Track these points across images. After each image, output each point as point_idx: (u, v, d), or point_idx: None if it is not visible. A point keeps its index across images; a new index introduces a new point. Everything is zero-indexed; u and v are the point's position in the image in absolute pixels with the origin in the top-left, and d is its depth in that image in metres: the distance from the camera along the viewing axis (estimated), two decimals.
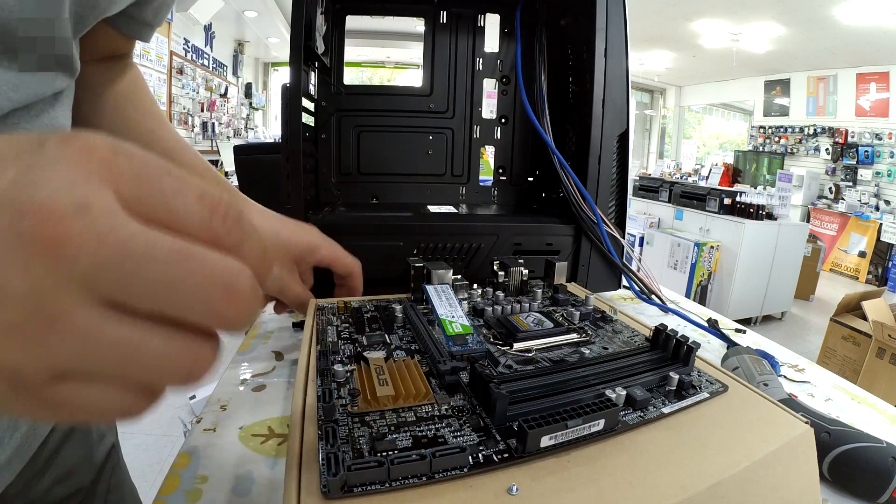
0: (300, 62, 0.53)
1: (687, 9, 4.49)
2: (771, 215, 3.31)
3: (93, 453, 0.41)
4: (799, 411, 0.30)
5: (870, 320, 2.11)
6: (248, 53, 5.77)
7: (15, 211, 0.11)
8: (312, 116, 0.65)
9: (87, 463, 0.40)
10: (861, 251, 4.90)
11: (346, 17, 0.70)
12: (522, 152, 0.75)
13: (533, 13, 0.71)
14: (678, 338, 0.31)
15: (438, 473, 0.21)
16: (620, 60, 0.60)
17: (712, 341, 0.57)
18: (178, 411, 1.97)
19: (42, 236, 0.11)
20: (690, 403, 0.28)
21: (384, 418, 0.25)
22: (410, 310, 0.39)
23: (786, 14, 4.18)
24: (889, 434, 0.39)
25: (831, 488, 0.33)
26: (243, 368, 0.48)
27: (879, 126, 4.91)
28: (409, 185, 0.74)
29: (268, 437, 0.38)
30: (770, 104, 6.16)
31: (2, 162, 0.12)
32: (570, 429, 0.23)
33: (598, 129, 0.60)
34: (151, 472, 1.71)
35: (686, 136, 8.08)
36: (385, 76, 7.45)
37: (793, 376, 0.50)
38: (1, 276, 0.11)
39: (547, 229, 0.61)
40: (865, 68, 4.97)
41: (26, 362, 0.12)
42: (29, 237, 0.11)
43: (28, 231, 0.11)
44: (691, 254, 3.32)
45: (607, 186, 0.61)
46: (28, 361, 0.12)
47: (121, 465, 0.46)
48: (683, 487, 0.21)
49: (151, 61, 3.35)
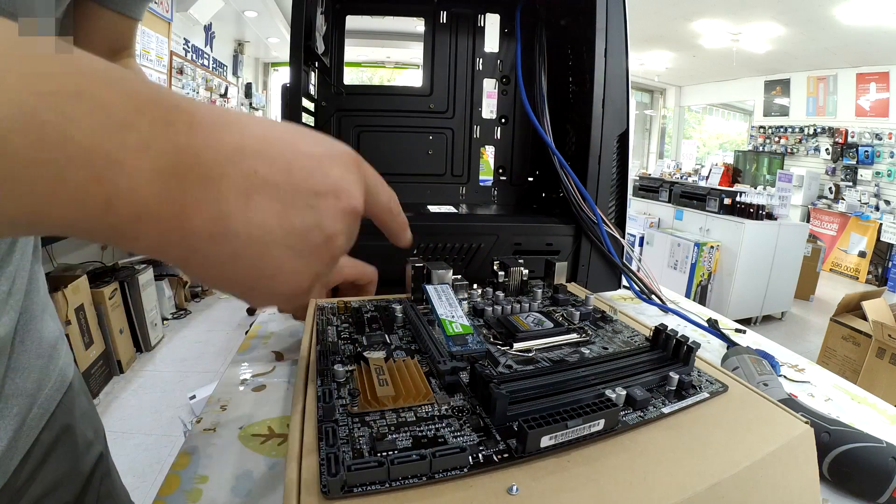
0: (300, 62, 0.53)
1: (687, 9, 4.49)
2: (771, 215, 3.31)
3: (79, 464, 0.39)
4: (799, 411, 0.30)
5: (870, 320, 2.11)
6: (248, 53, 5.76)
7: (319, 186, 0.21)
8: (312, 116, 0.65)
9: (73, 474, 0.38)
10: (861, 251, 4.90)
11: (346, 17, 0.70)
12: (522, 152, 0.75)
13: (533, 13, 0.71)
14: (678, 338, 0.31)
15: (438, 473, 0.21)
16: (620, 60, 0.60)
17: (712, 341, 0.57)
18: (178, 411, 1.97)
19: (334, 193, 0.21)
20: (690, 403, 0.28)
21: (384, 418, 0.25)
22: (410, 310, 0.39)
23: (786, 14, 4.18)
24: (889, 434, 0.39)
25: (831, 488, 0.33)
26: (243, 368, 0.48)
27: (879, 126, 4.90)
28: (410, 185, 0.74)
29: (268, 437, 0.38)
30: (770, 104, 6.15)
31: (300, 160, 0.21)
32: (570, 429, 0.23)
33: (598, 129, 0.60)
34: (151, 472, 1.71)
35: (686, 136, 8.07)
36: (385, 76, 7.45)
37: (793, 376, 0.50)
38: (316, 219, 0.21)
39: (547, 229, 0.61)
40: (865, 68, 4.97)
41: (327, 268, 0.22)
42: (326, 197, 0.21)
43: (325, 193, 0.21)
44: (691, 254, 3.32)
45: (607, 186, 0.61)
46: (327, 267, 0.22)
47: (111, 475, 0.44)
48: (683, 487, 0.21)
49: (151, 61, 3.35)
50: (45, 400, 0.35)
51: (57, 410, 0.37)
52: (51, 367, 0.37)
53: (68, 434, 0.38)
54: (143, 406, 2.11)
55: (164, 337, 2.77)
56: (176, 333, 2.85)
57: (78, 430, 0.39)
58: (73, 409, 0.39)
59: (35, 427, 0.34)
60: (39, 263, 0.39)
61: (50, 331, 0.38)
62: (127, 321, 2.44)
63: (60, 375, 0.38)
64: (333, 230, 0.21)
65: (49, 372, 0.36)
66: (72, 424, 0.39)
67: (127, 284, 2.44)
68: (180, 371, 2.43)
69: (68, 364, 0.40)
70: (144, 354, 2.56)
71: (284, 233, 0.20)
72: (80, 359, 2.03)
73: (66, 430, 0.38)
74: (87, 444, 0.41)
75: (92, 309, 2.17)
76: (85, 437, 0.41)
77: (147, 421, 2.00)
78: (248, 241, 0.19)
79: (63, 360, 0.39)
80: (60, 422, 0.37)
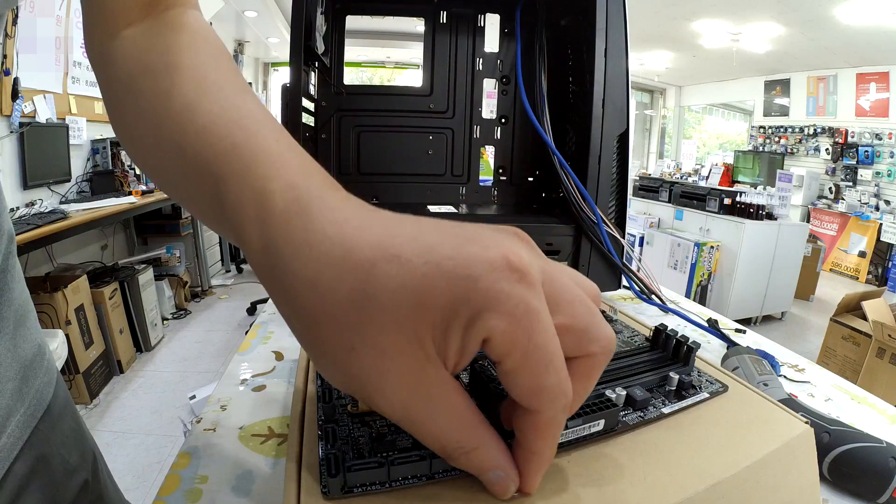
0: (300, 62, 0.53)
1: (687, 9, 4.49)
2: (771, 215, 3.31)
3: (58, 496, 0.35)
4: (799, 411, 0.30)
5: (870, 320, 2.11)
6: (248, 53, 5.77)
7: (494, 257, 0.16)
8: (312, 116, 0.65)
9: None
10: (861, 251, 4.90)
11: (346, 17, 0.70)
12: (522, 152, 0.75)
13: (533, 13, 0.70)
14: (678, 338, 0.31)
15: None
16: (620, 60, 0.60)
17: (712, 341, 0.57)
18: (178, 411, 1.97)
19: (510, 267, 0.16)
20: (690, 403, 0.28)
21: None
22: None
23: (786, 14, 4.18)
24: (889, 434, 0.39)
25: (831, 488, 0.33)
26: (243, 368, 0.48)
27: (879, 126, 4.90)
28: (410, 185, 0.74)
29: (268, 437, 0.38)
30: (770, 104, 6.16)
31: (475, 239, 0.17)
32: (570, 429, 0.23)
33: (598, 129, 0.60)
34: (151, 472, 1.71)
35: (686, 136, 8.07)
36: (385, 76, 7.45)
37: (793, 376, 0.50)
38: (497, 290, 0.16)
39: (547, 229, 0.61)
40: (865, 68, 4.97)
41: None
42: (505, 269, 0.16)
43: (502, 264, 0.16)
44: (691, 254, 3.32)
45: (607, 186, 0.61)
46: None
47: (102, 498, 0.40)
48: (683, 487, 0.21)
49: None
50: (15, 428, 0.31)
51: (32, 437, 0.33)
52: (24, 389, 0.32)
53: (44, 464, 0.34)
54: (143, 406, 2.12)
55: (164, 337, 2.77)
56: (176, 333, 2.85)
57: (56, 460, 0.35)
58: (50, 437, 0.35)
59: (5, 459, 0.30)
60: (13, 272, 0.34)
61: (24, 349, 0.33)
62: (127, 321, 2.44)
63: (36, 399, 0.34)
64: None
65: (22, 395, 0.32)
66: (49, 453, 0.35)
67: (127, 284, 2.45)
68: (180, 371, 2.43)
69: (48, 384, 0.36)
70: (144, 354, 2.56)
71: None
72: (80, 359, 2.03)
73: (42, 460, 0.34)
74: (68, 472, 0.36)
75: (92, 309, 2.17)
76: (66, 466, 0.36)
77: (147, 421, 2.00)
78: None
79: (41, 381, 0.35)
80: (36, 451, 0.33)
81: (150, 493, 1.61)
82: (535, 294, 0.16)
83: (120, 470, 1.69)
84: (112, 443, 1.83)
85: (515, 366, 0.16)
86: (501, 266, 0.16)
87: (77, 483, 0.37)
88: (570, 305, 0.18)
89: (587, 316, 0.18)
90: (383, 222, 0.18)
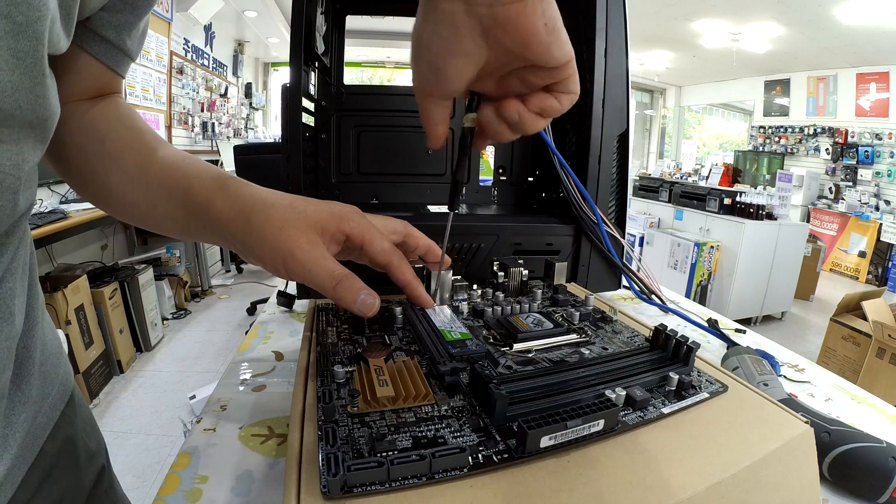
0: (300, 62, 0.53)
1: (687, 9, 4.49)
2: (771, 215, 3.31)
3: (82, 477, 0.38)
4: (799, 411, 0.30)
5: (870, 320, 2.11)
6: (248, 53, 5.76)
7: (348, 207, 0.36)
8: (312, 116, 0.65)
9: (77, 488, 0.37)
10: (861, 251, 4.90)
11: (346, 17, 0.70)
12: (522, 152, 0.75)
13: None
14: (678, 338, 0.31)
15: (438, 474, 0.21)
16: (620, 60, 0.60)
17: (712, 341, 0.57)
18: (178, 411, 1.97)
19: (353, 210, 0.36)
20: (690, 403, 0.28)
21: (384, 419, 0.25)
22: (410, 311, 0.39)
23: (786, 14, 4.18)
24: (889, 434, 0.39)
25: (831, 488, 0.33)
26: (243, 368, 0.48)
27: (879, 126, 4.90)
28: (409, 185, 0.74)
29: (268, 437, 0.38)
30: (770, 104, 6.15)
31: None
32: (570, 429, 0.23)
33: (598, 129, 0.60)
34: (151, 472, 1.71)
35: (686, 136, 8.07)
36: (385, 76, 7.45)
37: (793, 376, 0.50)
38: (350, 213, 0.35)
39: (547, 229, 0.61)
40: (865, 68, 4.97)
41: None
42: (351, 210, 0.36)
43: (351, 209, 0.36)
44: (691, 254, 3.32)
45: (607, 186, 0.61)
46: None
47: (114, 487, 0.43)
48: (683, 487, 0.21)
49: (151, 61, 3.35)
50: (48, 409, 0.34)
51: (60, 421, 0.36)
52: (53, 374, 0.36)
53: (71, 446, 0.37)
54: (143, 406, 2.12)
55: (164, 337, 2.77)
56: (176, 333, 2.85)
57: (80, 443, 0.38)
58: (74, 420, 0.38)
59: (40, 436, 0.33)
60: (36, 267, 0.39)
61: (51, 338, 0.37)
62: (127, 321, 2.44)
63: (63, 384, 0.37)
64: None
65: (52, 379, 0.35)
66: (74, 436, 0.38)
67: (127, 284, 2.44)
68: (180, 371, 2.43)
69: (69, 374, 0.39)
70: (144, 354, 2.56)
71: None
72: (80, 359, 2.03)
73: (69, 442, 0.37)
74: (89, 456, 0.40)
75: (92, 309, 2.17)
76: (87, 450, 0.40)
77: (147, 421, 2.00)
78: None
79: (64, 370, 0.38)
80: (63, 433, 0.36)
81: (150, 493, 1.61)
82: (364, 216, 0.35)
83: (120, 470, 1.68)
84: (112, 443, 1.83)
85: (362, 243, 0.34)
86: (351, 209, 0.34)
87: (96, 468, 0.40)
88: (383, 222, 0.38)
89: (364, 221, 0.35)
90: (281, 194, 0.35)
